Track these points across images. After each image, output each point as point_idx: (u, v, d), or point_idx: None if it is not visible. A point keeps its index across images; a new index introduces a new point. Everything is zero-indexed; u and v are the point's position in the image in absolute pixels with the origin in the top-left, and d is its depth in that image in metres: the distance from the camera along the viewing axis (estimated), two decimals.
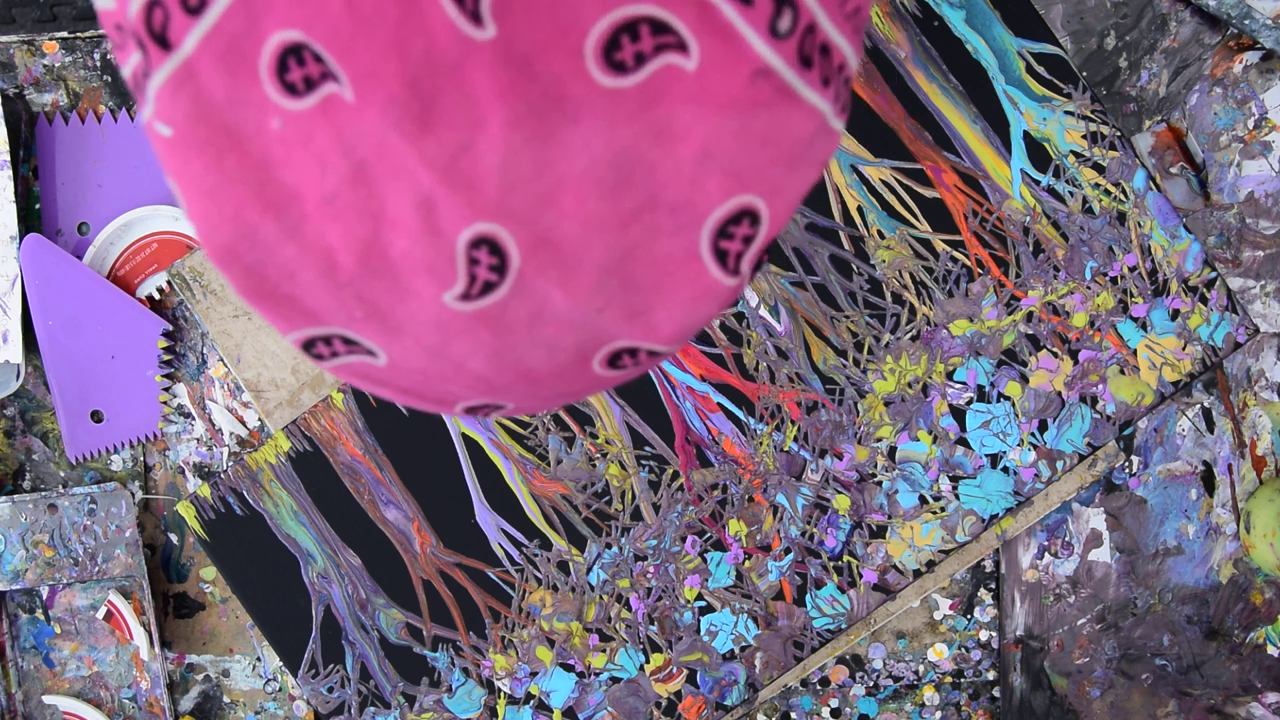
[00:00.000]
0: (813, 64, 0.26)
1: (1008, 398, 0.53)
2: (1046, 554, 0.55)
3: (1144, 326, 0.53)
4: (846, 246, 0.53)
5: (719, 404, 0.54)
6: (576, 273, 0.26)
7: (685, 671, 0.54)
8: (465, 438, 0.54)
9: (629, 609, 0.54)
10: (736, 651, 0.54)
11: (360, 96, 0.23)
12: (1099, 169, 0.53)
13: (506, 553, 0.54)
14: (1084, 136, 0.53)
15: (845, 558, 0.54)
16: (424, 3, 0.22)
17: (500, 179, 0.24)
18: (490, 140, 0.24)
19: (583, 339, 0.27)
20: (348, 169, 0.24)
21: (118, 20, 0.25)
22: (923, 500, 0.54)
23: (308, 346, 0.28)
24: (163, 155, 0.25)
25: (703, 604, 0.54)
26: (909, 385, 0.54)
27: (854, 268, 0.53)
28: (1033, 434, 0.53)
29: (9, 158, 0.52)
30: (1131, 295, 0.53)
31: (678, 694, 0.54)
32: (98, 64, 0.54)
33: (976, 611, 0.56)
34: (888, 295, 0.53)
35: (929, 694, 0.56)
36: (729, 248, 0.27)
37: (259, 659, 0.56)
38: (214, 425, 0.55)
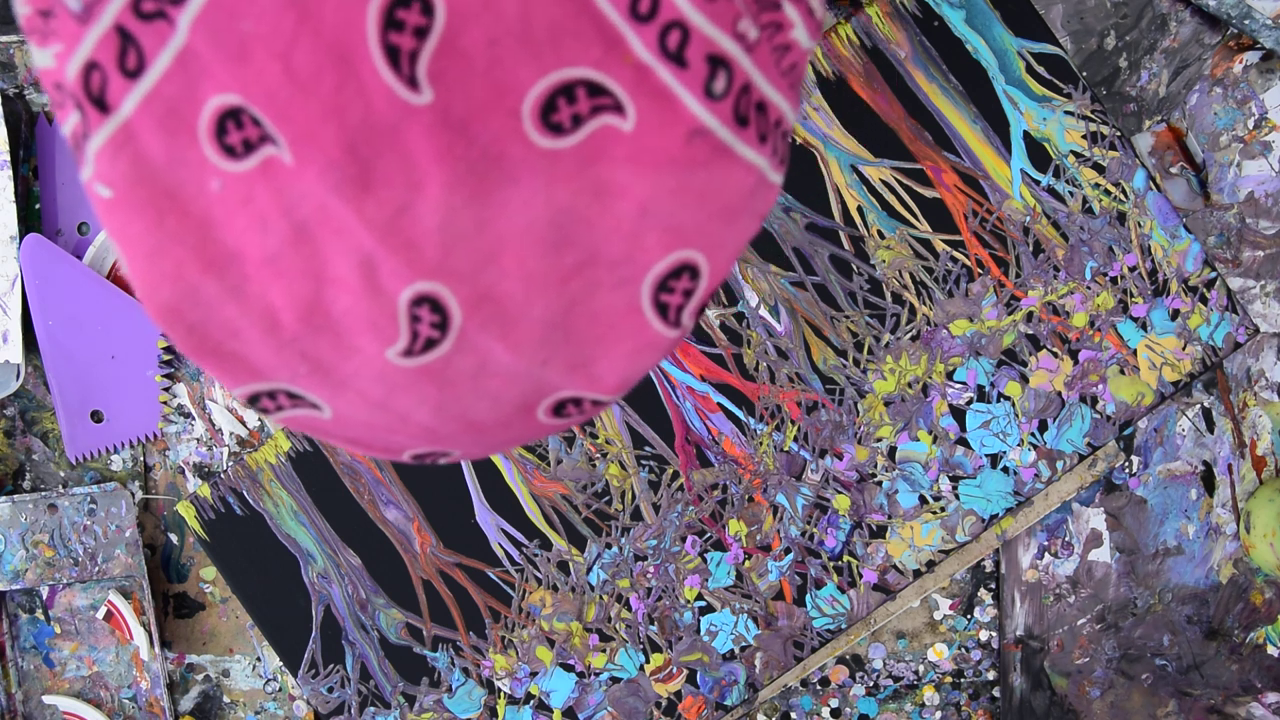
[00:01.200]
0: (749, 122, 0.26)
1: (1008, 398, 0.53)
2: (1046, 554, 0.55)
3: (1144, 326, 0.53)
4: (846, 246, 0.53)
5: (719, 404, 0.54)
6: (519, 328, 0.26)
7: (685, 671, 0.54)
8: None
9: (629, 609, 0.54)
10: (736, 651, 0.54)
11: (299, 159, 0.24)
12: (1099, 169, 0.53)
13: (506, 553, 0.54)
14: (1084, 136, 0.53)
15: (845, 558, 0.54)
16: (361, 69, 0.23)
17: (440, 239, 0.24)
18: (429, 201, 0.24)
19: (526, 390, 0.28)
20: (289, 230, 0.24)
21: (56, 79, 0.25)
22: (923, 500, 0.54)
23: (252, 400, 0.28)
24: (103, 216, 0.26)
25: (703, 604, 0.54)
26: (909, 385, 0.54)
27: (854, 268, 0.53)
28: (1033, 434, 0.53)
29: (9, 158, 0.52)
30: (1131, 295, 0.53)
31: (678, 694, 0.54)
32: None
33: (976, 611, 0.56)
34: (888, 295, 0.53)
35: (929, 694, 0.56)
36: (670, 301, 0.28)
37: (259, 659, 0.56)
38: (214, 425, 0.55)
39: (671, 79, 0.25)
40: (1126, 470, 0.55)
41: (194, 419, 0.55)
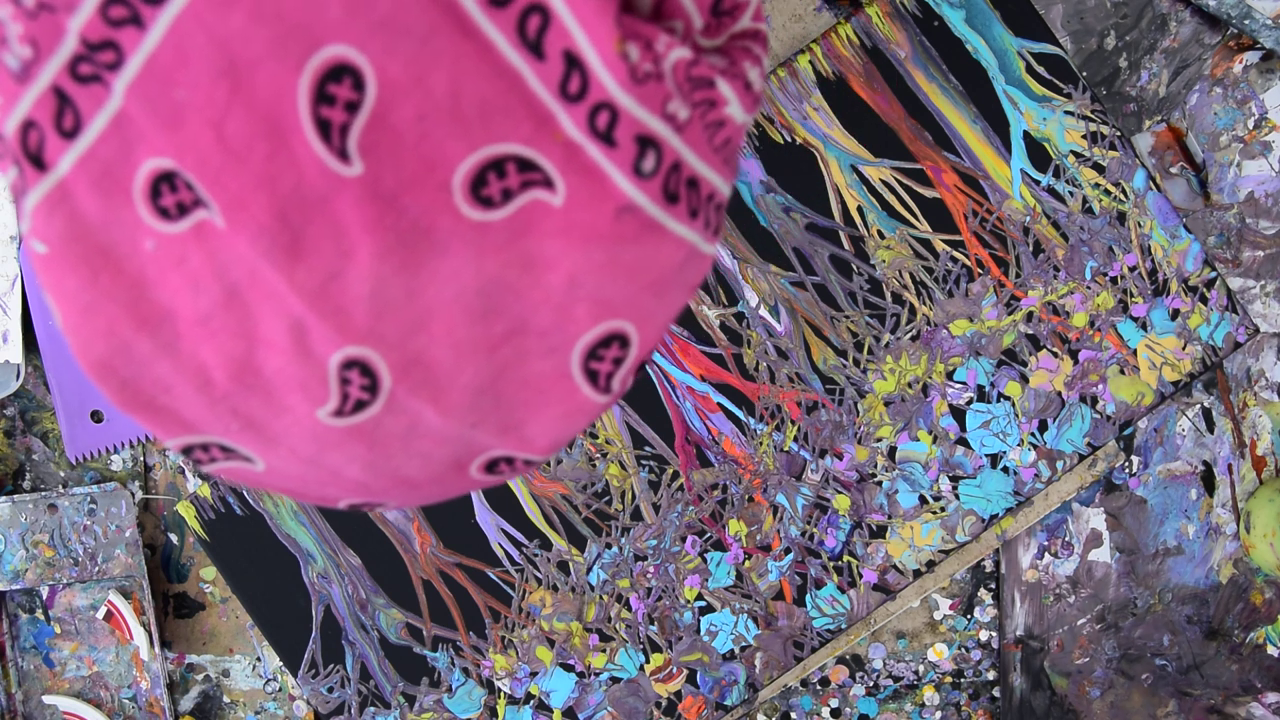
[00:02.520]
0: (679, 199, 0.26)
1: (1008, 398, 0.53)
2: (1046, 554, 0.55)
3: (1144, 326, 0.53)
4: (846, 246, 0.53)
5: (719, 404, 0.54)
6: (448, 392, 0.27)
7: (685, 671, 0.54)
8: None
9: (629, 609, 0.54)
10: (736, 651, 0.54)
11: (231, 225, 0.24)
12: (1099, 169, 0.53)
13: (506, 553, 0.54)
14: (1084, 136, 0.53)
15: (845, 558, 0.54)
16: (292, 140, 0.23)
17: (370, 306, 0.25)
18: (359, 269, 0.24)
19: (458, 450, 0.28)
20: (220, 292, 0.25)
21: None
22: (923, 500, 0.54)
23: (186, 452, 0.29)
24: (39, 271, 0.26)
25: (703, 604, 0.54)
26: (909, 385, 0.54)
27: (854, 268, 0.53)
28: (1033, 434, 0.53)
29: None
30: (1131, 295, 0.53)
31: (678, 694, 0.54)
32: None
33: (976, 611, 0.56)
34: (888, 295, 0.53)
35: (929, 694, 0.56)
36: (599, 368, 0.28)
37: (259, 659, 0.56)
38: None
39: (601, 157, 0.25)
40: (1126, 470, 0.55)
41: None
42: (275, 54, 0.23)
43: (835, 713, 0.56)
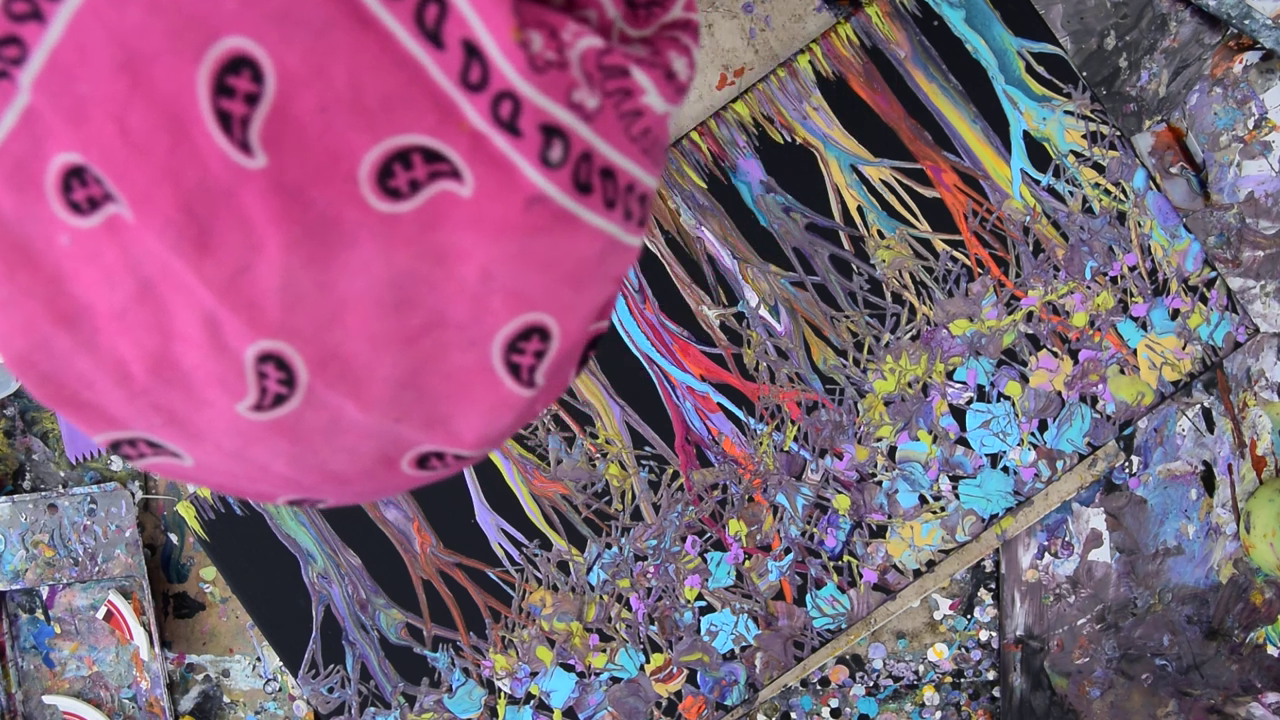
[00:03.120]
0: (592, 189, 0.26)
1: (1008, 397, 0.53)
2: (1046, 554, 0.55)
3: (1144, 326, 0.53)
4: (846, 246, 0.53)
5: (719, 404, 0.54)
6: (368, 386, 0.27)
7: (685, 671, 0.54)
8: None
9: (629, 609, 0.54)
10: (737, 651, 0.54)
11: (139, 218, 0.24)
12: (1099, 169, 0.53)
13: (506, 553, 0.54)
14: (1084, 136, 0.53)
15: (845, 558, 0.54)
16: (194, 133, 0.23)
17: (281, 299, 0.25)
18: (269, 262, 0.24)
19: (385, 445, 0.28)
20: (135, 286, 0.25)
21: None
22: (923, 500, 0.54)
23: (114, 447, 0.29)
24: None
25: (703, 604, 0.54)
26: (909, 385, 0.54)
27: (854, 268, 0.53)
28: (1033, 434, 0.53)
29: None
30: (1131, 295, 0.53)
31: (678, 694, 0.54)
32: None
33: (976, 611, 0.56)
34: (888, 295, 0.53)
35: (929, 694, 0.56)
36: (521, 361, 0.28)
37: (259, 659, 0.56)
38: None
39: (507, 147, 0.25)
40: (1126, 470, 0.55)
41: None
42: (173, 47, 0.23)
43: (835, 713, 0.56)
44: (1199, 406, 0.55)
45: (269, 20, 0.23)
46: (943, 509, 0.54)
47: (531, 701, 0.54)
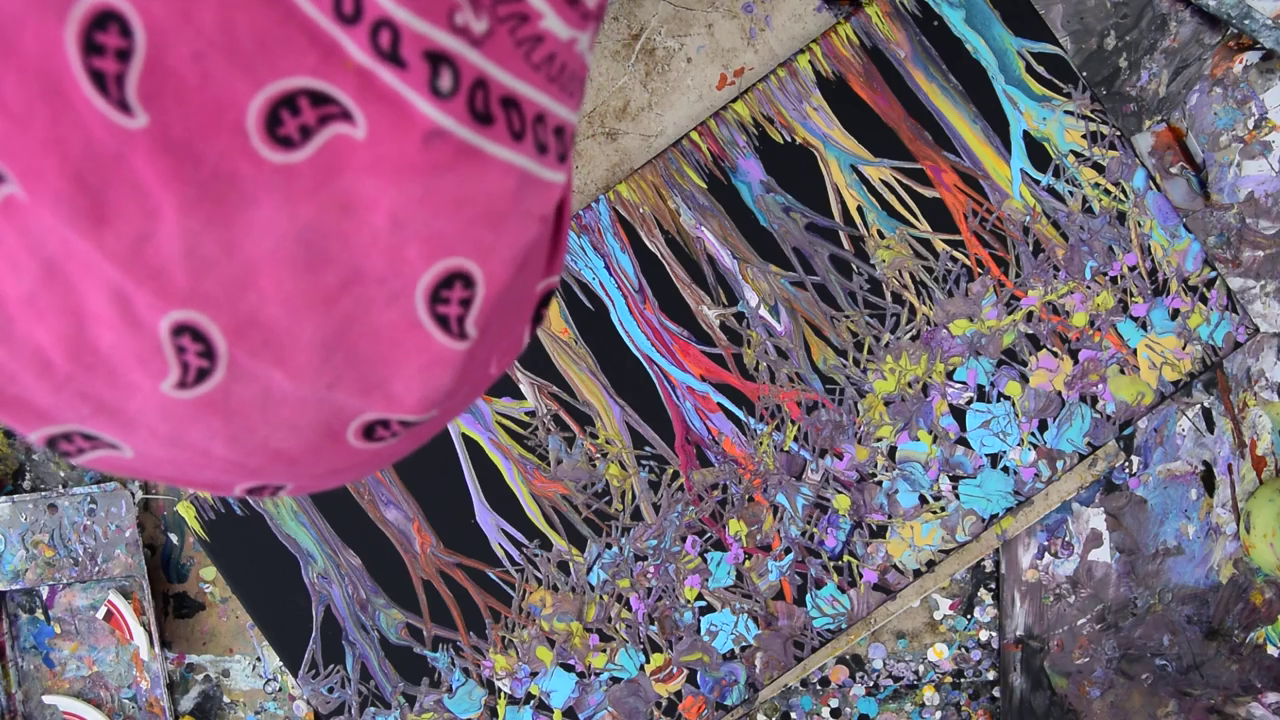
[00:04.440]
0: (493, 119, 0.25)
1: (1008, 397, 0.53)
2: (1046, 554, 0.55)
3: (1144, 326, 0.53)
4: (846, 246, 0.53)
5: (719, 404, 0.54)
6: (293, 352, 0.25)
7: (685, 671, 0.54)
8: (465, 438, 0.54)
9: (629, 609, 0.54)
10: (737, 651, 0.54)
11: (31, 195, 0.23)
12: (1099, 169, 0.53)
13: (506, 553, 0.54)
14: (1084, 136, 0.53)
15: (845, 558, 0.54)
16: (73, 97, 0.22)
17: (186, 265, 0.24)
18: (168, 228, 0.23)
19: (324, 416, 0.27)
20: (38, 268, 0.24)
21: None
22: (923, 500, 0.54)
23: (51, 445, 0.28)
24: None
25: (703, 604, 0.54)
26: (909, 385, 0.54)
27: (854, 268, 0.53)
28: (1033, 434, 0.53)
29: None
30: (1131, 295, 0.53)
31: (678, 694, 0.54)
32: None
33: (976, 611, 0.56)
34: (888, 295, 0.53)
35: (929, 694, 0.56)
36: (447, 312, 0.27)
37: (259, 659, 0.56)
38: None
39: (394, 80, 0.24)
40: (1126, 470, 0.55)
41: None
42: (35, 8, 0.22)
43: (835, 713, 0.56)
44: (1199, 406, 0.55)
45: None
46: (943, 509, 0.54)
47: (531, 701, 0.54)
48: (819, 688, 0.56)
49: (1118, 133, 0.53)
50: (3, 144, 0.23)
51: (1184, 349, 0.53)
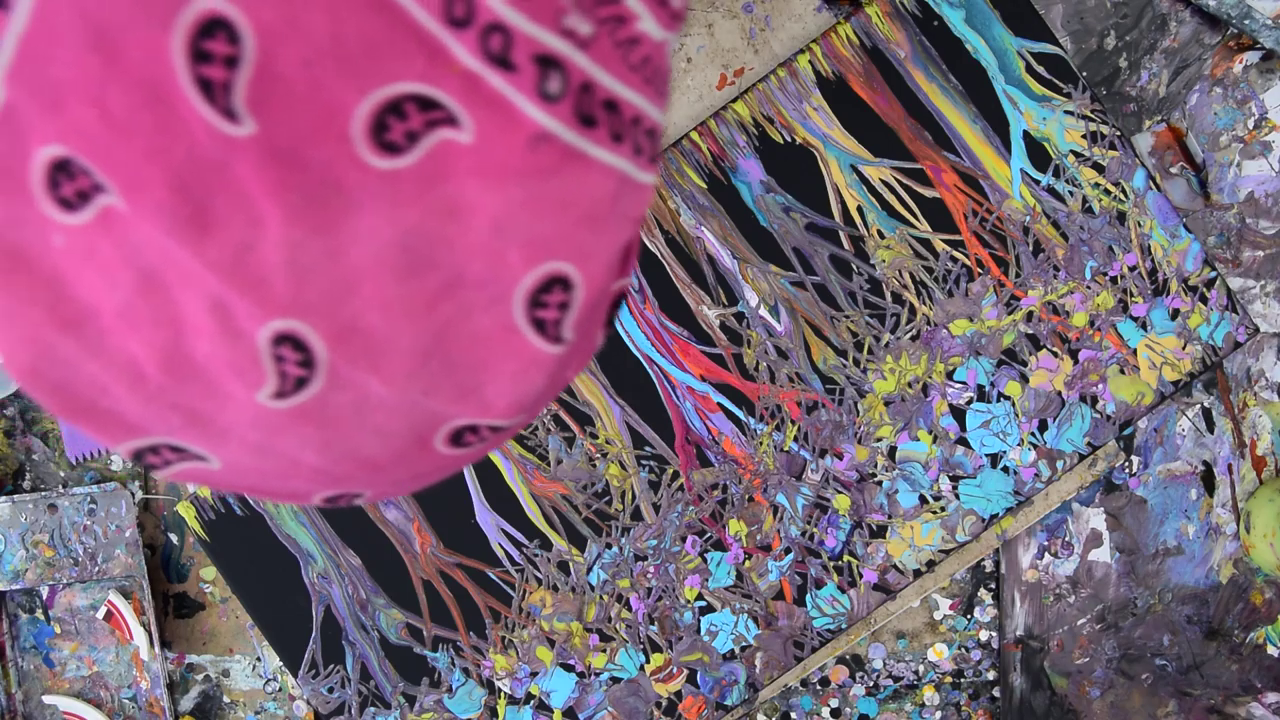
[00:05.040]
0: (596, 122, 0.25)
1: (1008, 397, 0.53)
2: (1046, 554, 0.55)
3: (1144, 326, 0.53)
4: (846, 246, 0.53)
5: (719, 404, 0.54)
6: (391, 359, 0.25)
7: (685, 671, 0.54)
8: None
9: (629, 609, 0.54)
10: (737, 651, 0.54)
11: (132, 206, 0.23)
12: (1099, 169, 0.53)
13: (506, 553, 0.54)
14: (1084, 136, 0.53)
15: (845, 557, 0.54)
16: (178, 105, 0.22)
17: (289, 274, 0.23)
18: (271, 237, 0.23)
19: (415, 423, 0.27)
20: (136, 279, 0.24)
21: None
22: (923, 500, 0.54)
23: (137, 457, 0.27)
24: None
25: (703, 604, 0.54)
26: (909, 385, 0.54)
27: (854, 268, 0.53)
28: (1033, 434, 0.53)
29: None
30: (1131, 295, 0.53)
31: (678, 694, 0.54)
32: None
33: (976, 611, 0.56)
34: (888, 295, 0.53)
35: (929, 694, 0.56)
36: (545, 316, 0.26)
37: (259, 659, 0.56)
38: None
39: (502, 84, 0.23)
40: (1126, 470, 0.55)
41: None
42: (142, 17, 0.21)
43: (835, 713, 0.56)
44: (1199, 406, 0.55)
45: None
46: (943, 509, 0.54)
47: (531, 701, 0.54)
48: (819, 688, 0.56)
49: (1118, 133, 0.53)
50: (105, 154, 0.22)
51: (1184, 349, 0.53)
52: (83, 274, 0.24)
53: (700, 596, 0.54)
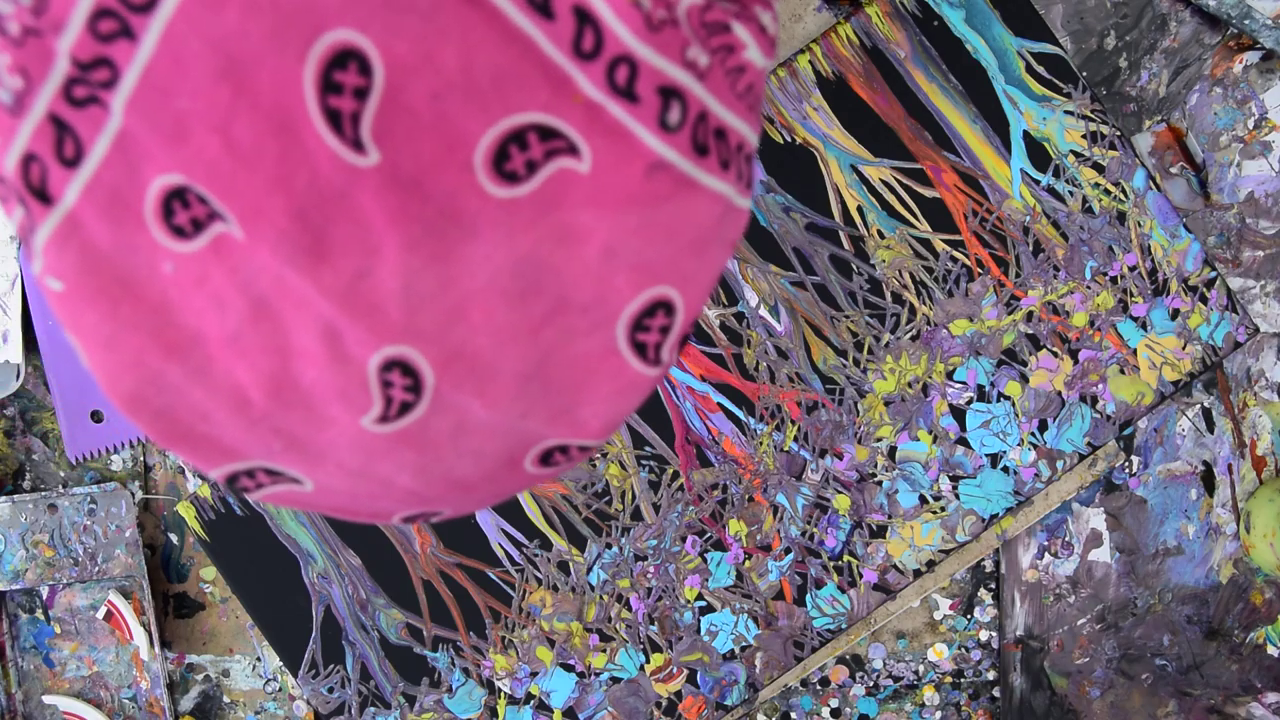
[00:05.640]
0: (709, 150, 0.25)
1: (1008, 397, 0.53)
2: (1046, 554, 0.55)
3: (1144, 326, 0.53)
4: (846, 246, 0.53)
5: (719, 404, 0.54)
6: (494, 383, 0.26)
7: (685, 671, 0.54)
8: None
9: (629, 609, 0.54)
10: (737, 651, 0.54)
11: (250, 234, 0.23)
12: (1099, 169, 0.53)
13: (506, 553, 0.54)
14: (1084, 136, 0.53)
15: (845, 557, 0.54)
16: (304, 135, 0.22)
17: (403, 301, 0.24)
18: (388, 264, 0.23)
19: (510, 444, 0.27)
20: (247, 306, 0.24)
21: None
22: (923, 500, 0.54)
23: (231, 480, 0.27)
24: (57, 309, 0.25)
25: (703, 604, 0.54)
26: (909, 385, 0.54)
27: (854, 268, 0.53)
28: (1033, 434, 0.53)
29: None
30: (1131, 295, 0.53)
31: (678, 694, 0.54)
32: None
33: (976, 611, 0.56)
34: (888, 295, 0.53)
35: (929, 694, 0.56)
36: (647, 340, 0.27)
37: (259, 659, 0.56)
38: None
39: (624, 115, 0.24)
40: (1126, 470, 0.55)
41: None
42: (276, 47, 0.22)
43: (835, 713, 0.56)
44: (1199, 406, 0.55)
45: (374, 9, 0.22)
46: (943, 509, 0.54)
47: (531, 701, 0.54)
48: (819, 688, 0.56)
49: (1118, 133, 0.53)
50: (227, 184, 0.22)
51: (1184, 349, 0.53)
52: (191, 301, 0.24)
53: (700, 596, 0.54)
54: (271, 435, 0.26)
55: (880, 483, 0.54)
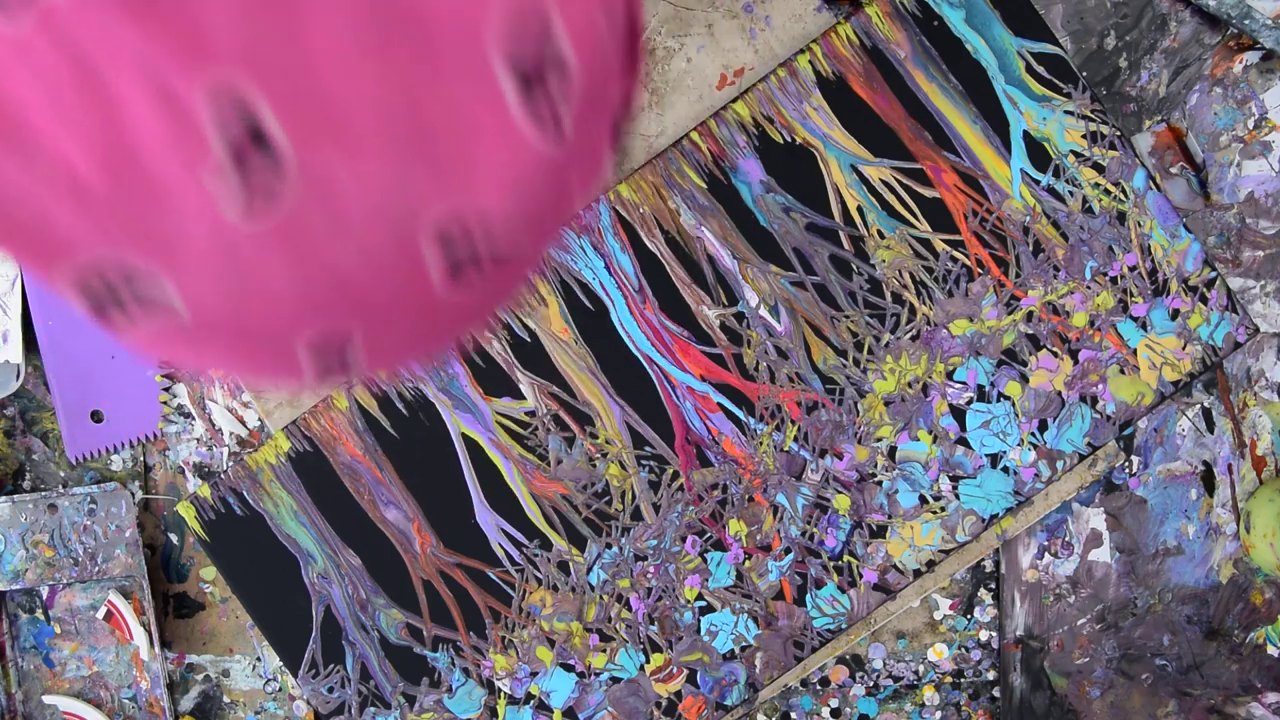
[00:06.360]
0: None
1: (1008, 397, 0.53)
2: (1046, 554, 0.55)
3: (1144, 326, 0.53)
4: (846, 246, 0.53)
5: (719, 404, 0.54)
6: (355, 137, 0.23)
7: (685, 671, 0.54)
8: (465, 438, 0.54)
9: (629, 609, 0.54)
10: (736, 651, 0.54)
11: None
12: (1099, 169, 0.53)
13: (506, 553, 0.54)
14: (1084, 136, 0.53)
15: (845, 558, 0.54)
16: None
17: (226, 27, 0.21)
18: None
19: (393, 224, 0.24)
20: (69, 67, 0.22)
21: None
22: (923, 500, 0.54)
23: (92, 298, 0.25)
24: None
25: (703, 604, 0.54)
26: (909, 385, 0.54)
27: (854, 268, 0.53)
28: (1033, 434, 0.53)
29: None
30: (1131, 295, 0.53)
31: (678, 694, 0.54)
32: None
33: (976, 611, 0.56)
34: (888, 295, 0.53)
35: (929, 694, 0.56)
36: (540, 106, 0.24)
37: (259, 659, 0.56)
38: (214, 425, 0.55)
39: None
40: (1126, 470, 0.55)
41: (194, 419, 0.55)
42: None
43: (835, 713, 0.56)
44: (1199, 406, 0.55)
45: None
46: (943, 509, 0.54)
47: (531, 701, 0.54)
48: (819, 688, 0.56)
49: (1118, 133, 0.53)
50: None
51: (1184, 349, 0.53)
52: (11, 75, 0.22)
53: (700, 596, 0.54)
54: (116, 221, 0.23)
55: (880, 483, 0.54)
